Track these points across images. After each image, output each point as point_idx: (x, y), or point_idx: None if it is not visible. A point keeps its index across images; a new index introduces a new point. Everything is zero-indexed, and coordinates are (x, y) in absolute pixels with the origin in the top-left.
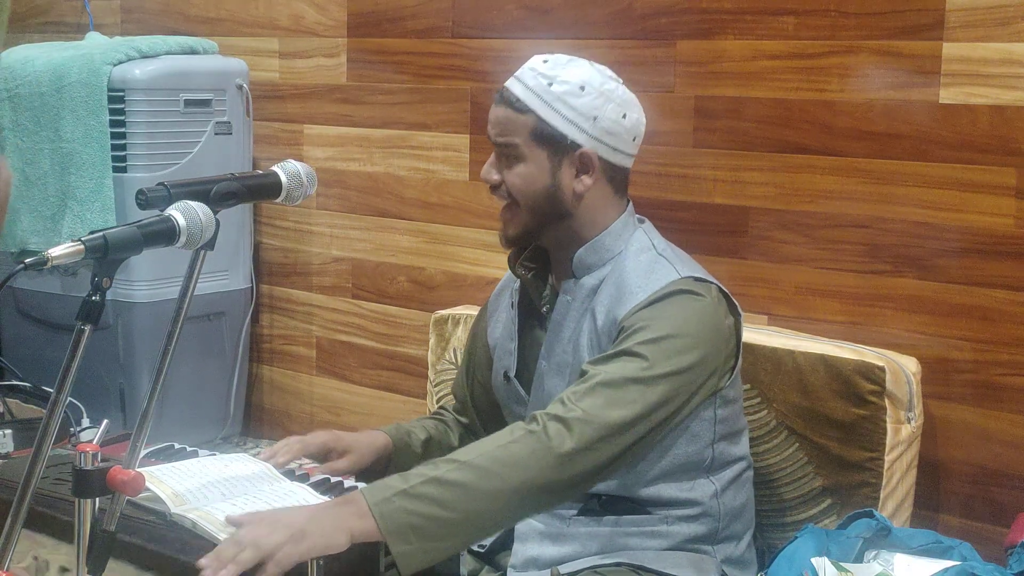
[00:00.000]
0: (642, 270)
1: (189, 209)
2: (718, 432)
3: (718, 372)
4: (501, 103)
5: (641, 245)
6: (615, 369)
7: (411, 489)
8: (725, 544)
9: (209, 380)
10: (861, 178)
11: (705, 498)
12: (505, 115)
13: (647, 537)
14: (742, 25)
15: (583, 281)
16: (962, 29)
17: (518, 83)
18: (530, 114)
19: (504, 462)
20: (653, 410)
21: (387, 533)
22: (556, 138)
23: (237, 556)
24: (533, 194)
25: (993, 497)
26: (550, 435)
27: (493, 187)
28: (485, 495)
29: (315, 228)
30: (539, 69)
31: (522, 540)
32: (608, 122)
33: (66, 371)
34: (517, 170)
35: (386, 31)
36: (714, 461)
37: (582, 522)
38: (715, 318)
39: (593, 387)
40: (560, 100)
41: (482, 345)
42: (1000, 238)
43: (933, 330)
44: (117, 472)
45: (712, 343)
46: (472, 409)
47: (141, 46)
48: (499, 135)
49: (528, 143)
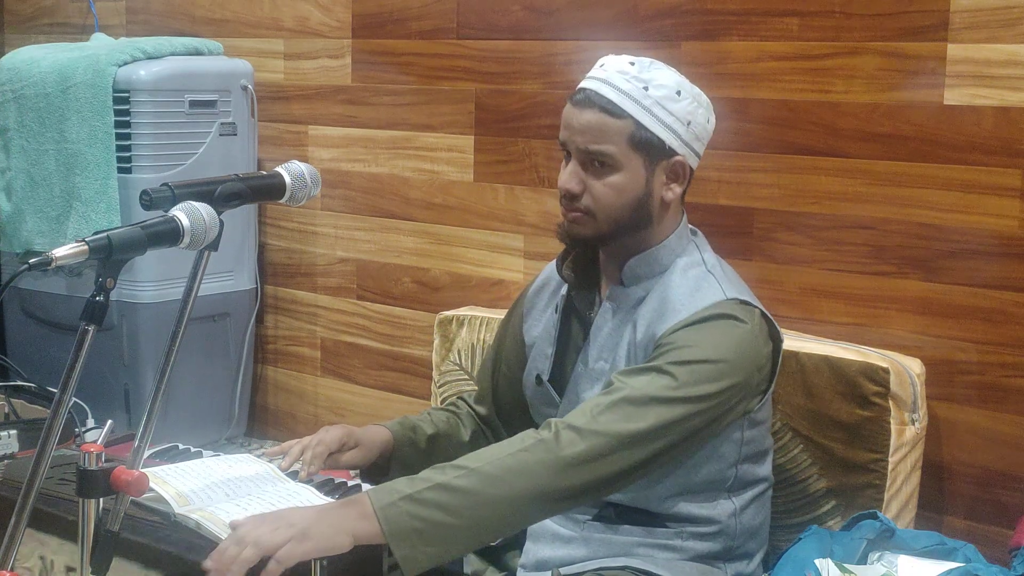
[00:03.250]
0: (688, 287)
1: (193, 210)
2: (743, 453)
3: (748, 396)
4: (590, 107)
5: (691, 260)
6: (641, 384)
7: (417, 494)
8: (737, 562)
9: (213, 381)
10: (866, 179)
11: (724, 516)
12: (598, 120)
13: (659, 550)
14: (746, 26)
15: (630, 290)
16: (967, 30)
17: (608, 86)
18: (627, 119)
19: (512, 470)
20: (669, 428)
21: (391, 537)
22: (654, 143)
23: (240, 555)
24: (621, 205)
25: (997, 499)
26: (561, 443)
27: (569, 197)
28: (491, 502)
29: (320, 229)
30: (630, 72)
31: (535, 540)
32: (698, 127)
33: (70, 371)
34: (610, 180)
35: (391, 32)
36: (737, 481)
37: (596, 528)
38: (754, 346)
39: (616, 401)
40: (659, 105)
41: (514, 339)
42: (1005, 239)
43: (937, 332)
44: (121, 472)
45: (746, 371)
46: (492, 401)
47: (146, 47)
48: (591, 142)
49: (625, 151)
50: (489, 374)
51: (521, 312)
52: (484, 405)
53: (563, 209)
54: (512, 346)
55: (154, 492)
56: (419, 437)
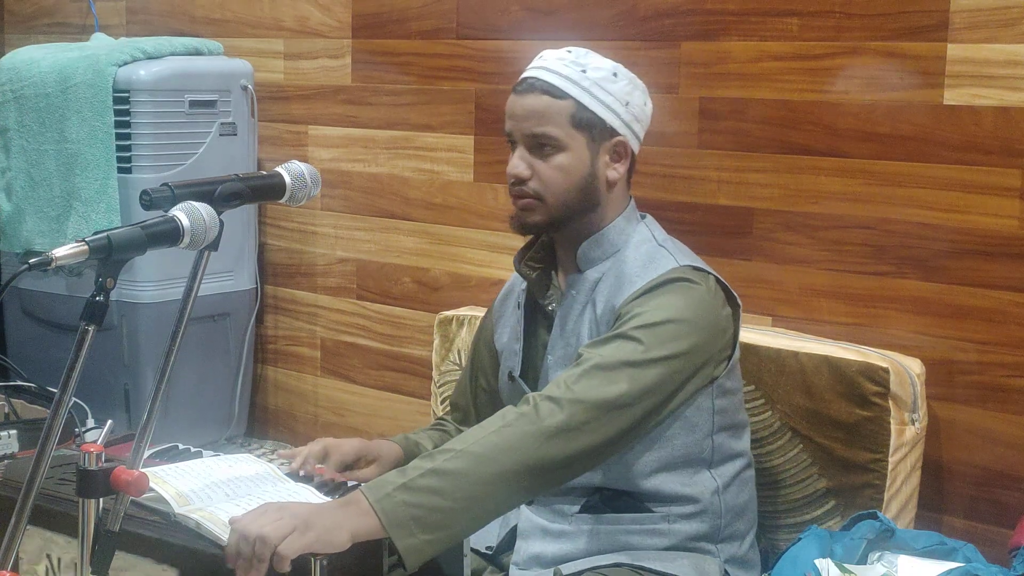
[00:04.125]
0: (641, 260)
1: (193, 210)
2: (717, 423)
3: (713, 360)
4: (532, 91)
5: (642, 237)
6: (610, 352)
7: (410, 482)
8: (728, 543)
9: (213, 381)
10: (865, 179)
11: (706, 494)
12: (540, 103)
13: (648, 535)
14: (746, 26)
15: (587, 274)
16: (966, 30)
17: (548, 72)
18: (568, 99)
19: (499, 446)
20: (646, 392)
21: (390, 528)
22: (595, 123)
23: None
24: (568, 186)
25: (997, 499)
26: (541, 414)
27: (518, 182)
28: (483, 480)
29: (320, 229)
30: (568, 58)
31: (525, 537)
32: (636, 108)
33: (70, 371)
34: (556, 161)
35: (391, 32)
36: (714, 453)
37: (584, 520)
38: (712, 306)
39: (587, 370)
40: (597, 85)
41: (488, 350)
42: (1004, 239)
43: (937, 331)
44: (121, 472)
45: (708, 331)
46: (475, 418)
47: (146, 47)
48: (536, 125)
49: (568, 131)
50: (468, 392)
51: (491, 325)
52: (467, 424)
53: (513, 198)
54: (487, 358)
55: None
56: (423, 452)
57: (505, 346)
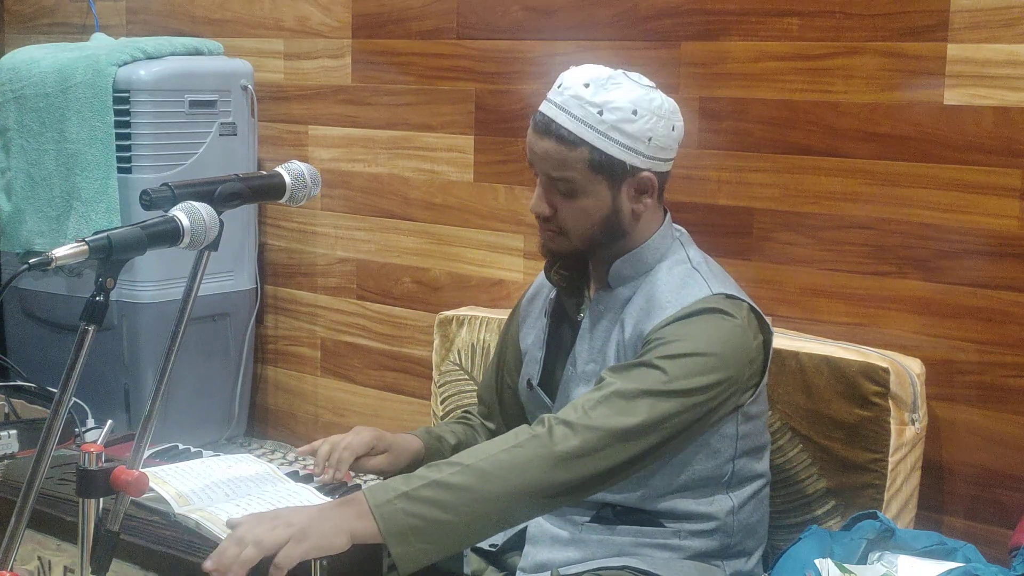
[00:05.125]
0: (674, 284)
1: (193, 210)
2: (739, 448)
3: (740, 390)
4: (548, 136)
5: (676, 258)
6: (632, 379)
7: (412, 492)
8: (735, 559)
9: (213, 381)
10: (865, 179)
11: (722, 514)
12: (556, 150)
13: (658, 549)
14: (746, 26)
15: (617, 292)
16: (967, 30)
17: (563, 114)
18: (584, 147)
19: (506, 466)
20: (662, 423)
21: (387, 535)
22: (615, 165)
23: (240, 555)
24: (591, 225)
25: (997, 499)
26: (554, 438)
27: (542, 219)
28: (486, 499)
29: (320, 229)
30: (585, 97)
31: (534, 543)
32: (661, 139)
33: (70, 371)
34: (577, 204)
35: (391, 32)
36: (733, 476)
37: (595, 529)
38: (743, 339)
39: (607, 396)
40: (614, 129)
41: (514, 349)
42: (1005, 239)
43: (937, 332)
44: (121, 472)
45: (737, 365)
46: (500, 414)
47: (146, 47)
48: (553, 169)
49: (586, 176)
50: (494, 388)
51: (517, 322)
52: (493, 420)
53: (539, 227)
54: (512, 357)
55: (154, 492)
56: (444, 447)
57: (529, 350)
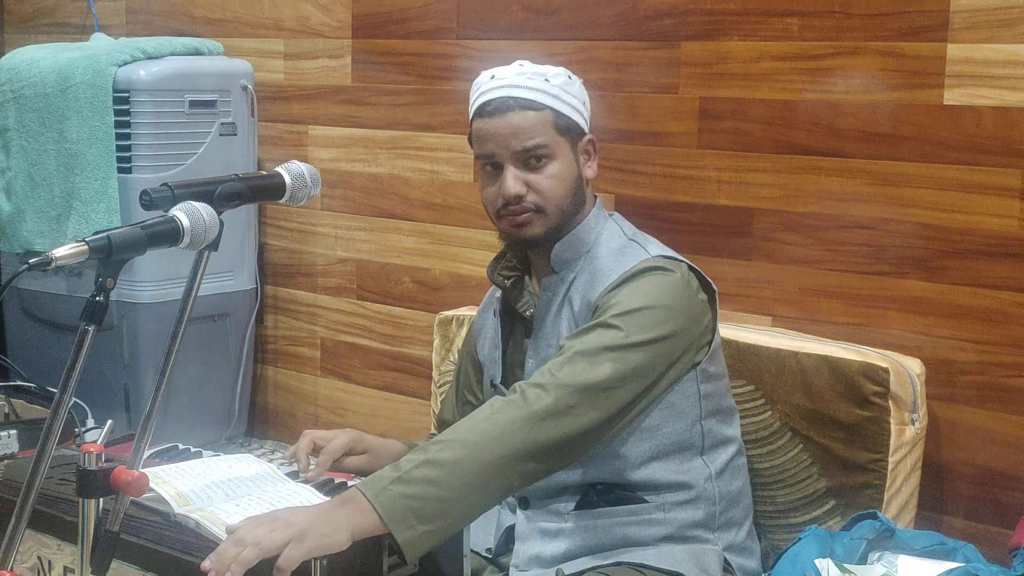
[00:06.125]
0: (613, 254)
1: (193, 210)
2: (705, 409)
3: (694, 345)
4: (511, 110)
5: (612, 233)
6: (591, 340)
7: (405, 475)
8: (725, 531)
9: (213, 381)
10: (865, 179)
11: (699, 481)
12: (524, 118)
13: (645, 526)
14: (746, 26)
15: (561, 275)
16: (966, 30)
17: (516, 88)
18: (546, 109)
19: (490, 433)
20: (629, 375)
21: (389, 521)
22: (572, 127)
23: (239, 556)
24: (564, 192)
25: (997, 499)
26: (528, 400)
27: (514, 200)
28: (477, 468)
29: (320, 229)
30: (527, 71)
31: (522, 539)
32: (588, 107)
33: (70, 371)
34: (550, 170)
35: (391, 32)
36: (704, 439)
37: (580, 516)
38: (687, 292)
39: (570, 357)
40: (562, 90)
41: (472, 364)
42: (1004, 239)
43: (937, 331)
44: (121, 472)
45: (685, 315)
46: None
47: (146, 47)
48: (526, 139)
49: (554, 138)
50: (455, 407)
51: (472, 339)
52: None
53: (507, 216)
54: (473, 372)
55: (154, 492)
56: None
57: (486, 355)
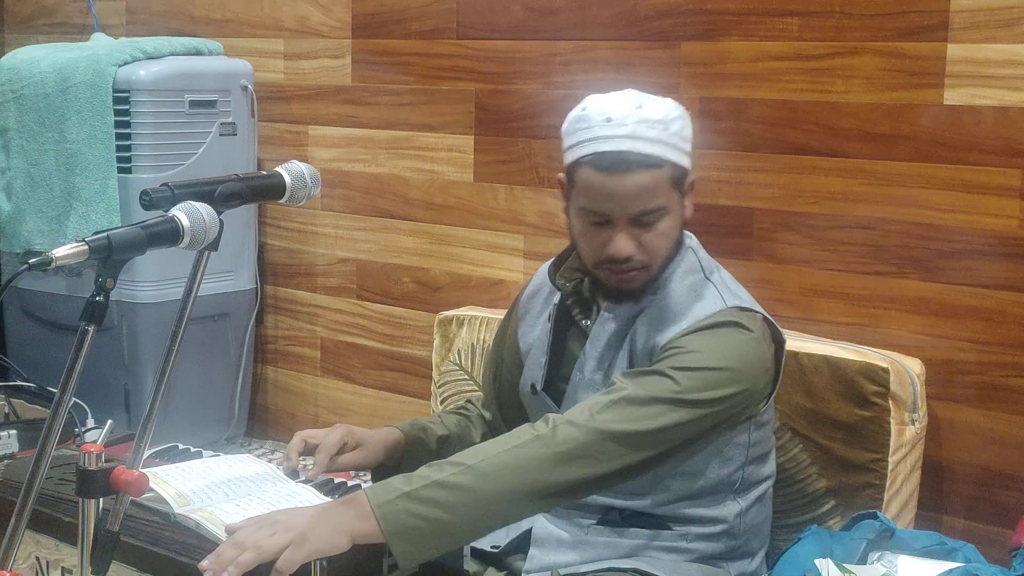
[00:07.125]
0: (687, 295)
1: (193, 210)
2: (750, 455)
3: (754, 402)
4: (632, 170)
5: (688, 266)
6: (644, 386)
7: (414, 492)
8: (740, 560)
9: (213, 381)
10: (865, 179)
11: (730, 517)
12: (645, 179)
13: (665, 552)
14: (746, 26)
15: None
16: (967, 30)
17: (639, 142)
18: (666, 166)
19: (508, 466)
20: (667, 433)
21: (389, 535)
22: (682, 176)
23: (238, 558)
24: (670, 245)
25: (997, 499)
26: (557, 439)
27: (623, 260)
28: (487, 499)
29: (320, 229)
30: (650, 118)
31: (540, 546)
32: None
33: (70, 371)
34: (661, 227)
35: (391, 32)
36: (743, 483)
37: (600, 531)
38: (758, 352)
39: (616, 400)
40: (679, 137)
41: (511, 344)
42: (1005, 239)
43: (937, 331)
44: (121, 472)
45: (751, 378)
46: (497, 406)
47: (146, 47)
48: (645, 203)
49: (669, 196)
50: (491, 380)
51: (516, 318)
52: (489, 410)
53: (610, 270)
54: (510, 352)
55: (154, 492)
56: (429, 438)
57: (531, 350)
